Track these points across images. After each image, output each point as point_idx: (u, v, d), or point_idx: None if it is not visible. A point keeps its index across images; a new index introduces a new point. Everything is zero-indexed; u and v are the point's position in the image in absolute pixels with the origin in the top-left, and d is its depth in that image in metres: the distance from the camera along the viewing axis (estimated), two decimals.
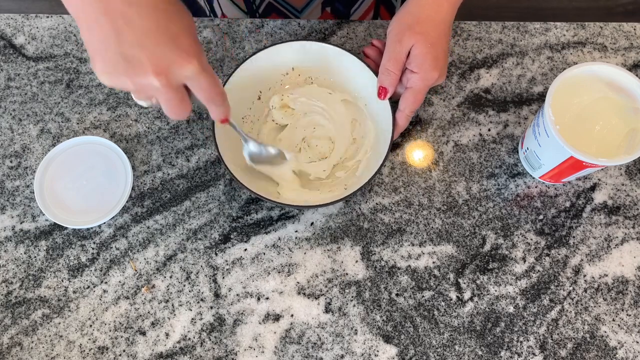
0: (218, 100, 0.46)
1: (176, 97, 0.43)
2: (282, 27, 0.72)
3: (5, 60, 0.70)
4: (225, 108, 0.48)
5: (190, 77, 0.42)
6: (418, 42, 0.56)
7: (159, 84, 0.41)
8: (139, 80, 0.41)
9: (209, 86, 0.44)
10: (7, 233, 0.62)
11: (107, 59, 0.41)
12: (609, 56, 0.71)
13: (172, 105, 0.44)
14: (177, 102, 0.44)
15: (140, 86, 0.42)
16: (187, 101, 0.44)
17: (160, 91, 0.42)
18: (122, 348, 0.58)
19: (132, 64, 0.40)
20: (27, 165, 0.65)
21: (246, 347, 0.58)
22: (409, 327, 0.59)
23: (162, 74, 0.41)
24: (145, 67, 0.40)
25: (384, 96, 0.59)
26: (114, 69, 0.41)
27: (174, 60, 0.41)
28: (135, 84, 0.42)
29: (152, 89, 0.42)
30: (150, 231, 0.62)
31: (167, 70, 0.41)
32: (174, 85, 0.42)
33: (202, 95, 0.45)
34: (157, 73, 0.41)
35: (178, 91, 0.43)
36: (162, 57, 0.41)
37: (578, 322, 0.59)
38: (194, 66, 0.42)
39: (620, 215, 0.63)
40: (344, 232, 0.62)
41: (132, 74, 0.41)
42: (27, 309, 0.59)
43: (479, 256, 0.62)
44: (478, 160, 0.66)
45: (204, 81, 0.43)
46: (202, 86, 0.44)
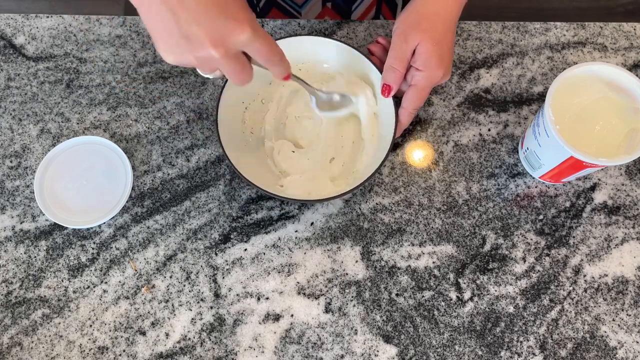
0: (276, 60, 0.48)
1: (237, 65, 0.45)
2: (282, 27, 0.72)
3: (5, 60, 0.70)
4: (285, 66, 0.50)
5: (246, 43, 0.44)
6: (423, 40, 0.56)
7: (219, 55, 0.43)
8: (200, 55, 0.43)
9: (265, 49, 0.46)
10: (7, 233, 0.62)
11: (167, 40, 0.43)
12: (609, 56, 0.71)
13: (235, 73, 0.46)
14: (239, 69, 0.46)
15: (202, 60, 0.44)
16: (249, 67, 0.47)
17: (221, 62, 0.44)
18: (122, 348, 0.58)
19: (190, 41, 0.42)
20: (27, 165, 0.65)
21: (246, 347, 0.58)
22: (409, 327, 0.59)
23: (220, 45, 0.43)
24: (203, 41, 0.42)
25: (388, 94, 0.59)
26: (176, 47, 0.43)
27: (228, 31, 0.43)
28: (197, 59, 0.44)
29: (213, 61, 0.44)
30: (150, 231, 0.62)
31: (224, 40, 0.43)
32: (232, 54, 0.44)
33: (261, 58, 0.46)
34: (215, 45, 0.43)
35: (238, 59, 0.45)
36: (216, 29, 0.43)
37: (578, 322, 0.59)
38: (248, 33, 0.43)
39: (620, 215, 0.63)
40: (344, 232, 0.62)
41: (192, 50, 0.43)
42: (27, 309, 0.59)
43: (479, 256, 0.62)
44: (478, 160, 0.66)
45: (259, 45, 0.45)
46: (259, 50, 0.45)
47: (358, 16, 0.82)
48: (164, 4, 0.42)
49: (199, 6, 0.42)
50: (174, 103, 0.68)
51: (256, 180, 0.58)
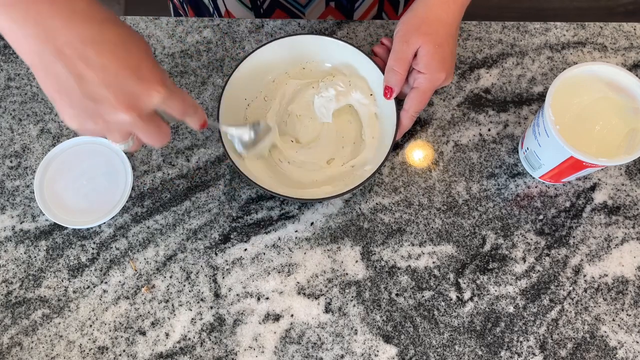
0: (191, 111, 0.46)
1: (153, 126, 0.43)
2: (282, 27, 0.72)
3: (5, 60, 0.70)
4: (200, 115, 0.48)
5: (159, 103, 0.42)
6: (425, 43, 0.56)
7: (132, 119, 0.40)
8: (111, 119, 0.40)
9: (179, 105, 0.44)
10: (7, 233, 0.62)
11: (73, 103, 0.40)
12: (609, 56, 0.71)
13: (151, 134, 0.43)
14: (156, 131, 0.43)
15: (113, 125, 0.41)
16: (164, 126, 0.44)
17: (136, 125, 0.41)
18: (122, 348, 0.58)
19: (100, 104, 0.40)
20: (27, 165, 0.65)
21: (246, 347, 0.58)
22: (409, 327, 0.59)
23: (133, 108, 0.40)
24: (115, 105, 0.40)
25: (389, 95, 0.59)
26: (83, 111, 0.40)
27: (140, 93, 0.40)
28: (107, 123, 0.41)
29: (126, 125, 0.41)
30: (150, 231, 0.62)
31: (137, 102, 0.40)
32: (147, 116, 0.42)
33: (175, 114, 0.45)
34: (128, 108, 0.40)
35: (153, 120, 0.43)
36: (128, 92, 0.40)
37: (578, 322, 0.59)
38: (161, 93, 0.41)
39: (620, 215, 0.63)
40: (344, 232, 0.62)
41: (102, 113, 0.40)
42: (27, 309, 0.59)
43: (479, 256, 0.62)
44: (478, 160, 0.66)
45: (172, 103, 0.43)
46: (172, 107, 0.44)
47: (360, 14, 0.82)
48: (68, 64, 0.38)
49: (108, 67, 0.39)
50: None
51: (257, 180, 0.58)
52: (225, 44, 0.71)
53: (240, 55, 0.70)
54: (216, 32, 0.72)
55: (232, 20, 0.72)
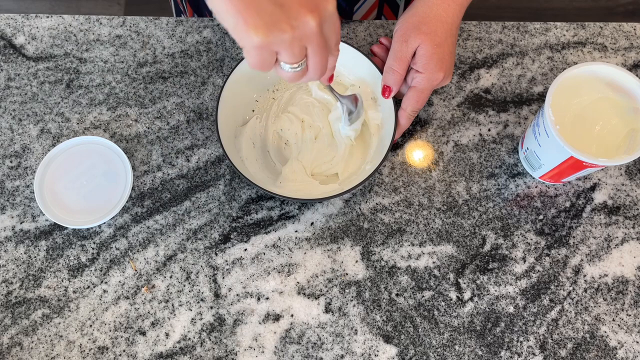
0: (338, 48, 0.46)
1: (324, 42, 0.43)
2: None
3: (5, 60, 0.70)
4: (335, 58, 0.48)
5: (332, 13, 0.42)
6: (424, 43, 0.56)
7: (314, 22, 0.41)
8: (296, 23, 0.41)
9: (339, 27, 0.44)
10: (7, 233, 0.62)
11: (260, 10, 0.40)
12: (609, 56, 0.71)
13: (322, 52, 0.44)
14: (324, 50, 0.43)
15: (297, 32, 0.41)
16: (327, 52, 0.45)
17: (316, 35, 0.42)
18: (122, 348, 0.58)
19: (285, 9, 0.40)
20: (27, 165, 0.65)
21: (246, 347, 0.58)
22: (409, 327, 0.59)
23: (315, 10, 0.41)
24: (299, 7, 0.40)
25: (388, 95, 0.59)
26: (269, 18, 0.40)
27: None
28: (293, 28, 0.41)
29: (308, 34, 0.42)
30: (150, 231, 0.62)
31: (318, 6, 0.41)
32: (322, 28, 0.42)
33: (335, 35, 0.45)
34: (311, 10, 0.41)
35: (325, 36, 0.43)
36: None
37: (578, 322, 0.59)
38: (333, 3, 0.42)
39: (620, 215, 0.63)
40: (344, 232, 0.62)
41: (289, 17, 0.41)
42: (27, 309, 0.59)
43: (479, 256, 0.62)
44: (478, 160, 0.66)
45: (336, 19, 0.43)
46: (336, 24, 0.44)
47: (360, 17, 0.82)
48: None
49: None
50: (174, 103, 0.68)
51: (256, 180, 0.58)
52: (225, 44, 0.71)
53: (240, 55, 0.70)
54: (216, 32, 0.72)
55: None
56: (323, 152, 0.64)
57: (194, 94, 0.68)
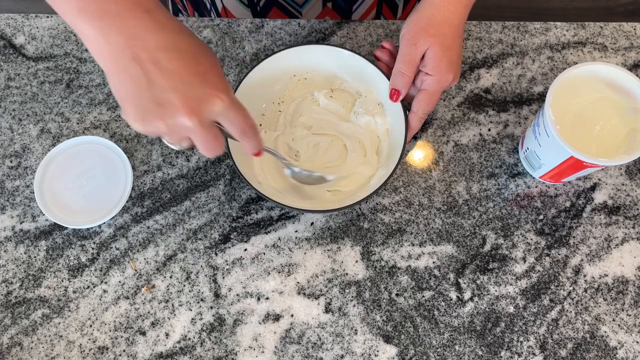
0: (250, 132, 0.47)
1: (210, 135, 0.44)
2: (282, 27, 0.72)
3: (5, 60, 0.70)
4: (257, 140, 0.49)
5: (220, 112, 0.43)
6: (433, 45, 0.56)
7: (192, 123, 0.42)
8: (173, 122, 0.42)
9: (239, 119, 0.45)
10: (7, 233, 0.62)
11: (139, 105, 0.42)
12: (609, 56, 0.71)
13: (206, 143, 0.45)
14: (211, 140, 0.45)
15: (173, 128, 0.43)
16: (221, 138, 0.46)
17: (194, 131, 0.43)
18: (122, 348, 0.58)
19: (164, 107, 0.42)
20: (27, 165, 0.65)
21: (246, 347, 0.58)
22: (409, 327, 0.59)
23: (195, 113, 0.42)
24: (178, 108, 0.42)
25: (396, 98, 0.59)
26: (146, 114, 0.42)
27: (204, 98, 0.42)
28: (168, 126, 0.43)
29: (185, 130, 0.43)
30: (150, 231, 0.62)
31: (199, 109, 0.42)
32: (206, 124, 0.43)
33: (234, 129, 0.46)
34: (190, 113, 0.42)
35: (211, 129, 0.44)
36: (193, 97, 0.42)
37: (578, 322, 0.59)
38: (223, 101, 0.43)
39: (620, 215, 0.63)
40: (344, 232, 0.62)
41: (165, 116, 0.42)
42: (27, 309, 0.59)
43: (479, 256, 0.62)
44: (478, 160, 0.66)
45: (233, 115, 0.44)
46: (233, 120, 0.45)
47: (359, 17, 0.82)
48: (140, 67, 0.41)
49: (178, 73, 0.41)
50: None
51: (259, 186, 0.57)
52: (225, 44, 0.71)
53: (241, 55, 0.70)
54: (216, 32, 0.72)
55: (232, 20, 0.72)
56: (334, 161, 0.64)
57: None
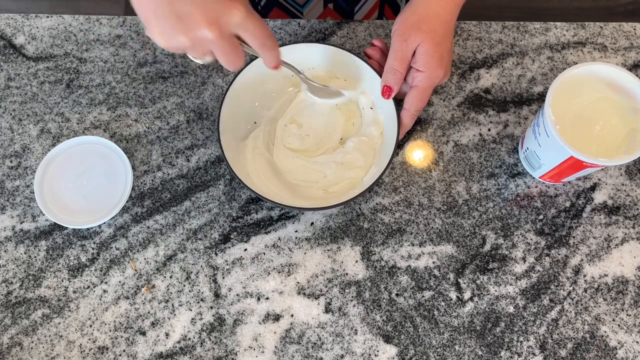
0: (269, 44, 0.48)
1: (230, 46, 0.45)
2: (282, 27, 0.72)
3: (5, 60, 0.70)
4: (276, 52, 0.50)
5: (239, 23, 0.45)
6: (424, 41, 0.56)
7: (213, 35, 0.43)
8: (194, 35, 0.44)
9: (257, 30, 0.46)
10: (7, 233, 0.62)
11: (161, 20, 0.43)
12: (609, 56, 0.71)
13: (227, 54, 0.46)
14: (231, 51, 0.46)
15: (196, 41, 0.44)
16: (240, 49, 0.47)
17: (215, 43, 0.44)
18: (122, 348, 0.58)
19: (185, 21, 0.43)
20: (27, 165, 0.65)
21: (246, 347, 0.58)
22: (409, 327, 0.59)
23: (214, 24, 0.43)
24: (198, 20, 0.43)
25: (388, 95, 0.59)
26: (170, 28, 0.43)
27: (222, 10, 0.43)
28: (191, 39, 0.44)
29: (207, 42, 0.44)
30: (150, 231, 0.62)
31: (218, 20, 0.43)
32: (226, 35, 0.45)
33: (254, 40, 0.47)
34: (210, 24, 0.43)
35: (231, 40, 0.45)
36: (211, 9, 0.43)
37: (578, 322, 0.59)
38: (241, 11, 0.44)
39: (620, 215, 0.63)
40: (344, 232, 0.62)
41: (187, 30, 0.43)
42: (27, 309, 0.59)
43: (479, 256, 0.62)
44: (478, 160, 0.66)
45: (252, 26, 0.45)
46: (253, 31, 0.46)
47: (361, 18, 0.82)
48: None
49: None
50: (174, 103, 0.68)
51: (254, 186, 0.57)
52: None
53: None
54: None
55: None
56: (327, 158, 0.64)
57: (194, 94, 0.68)
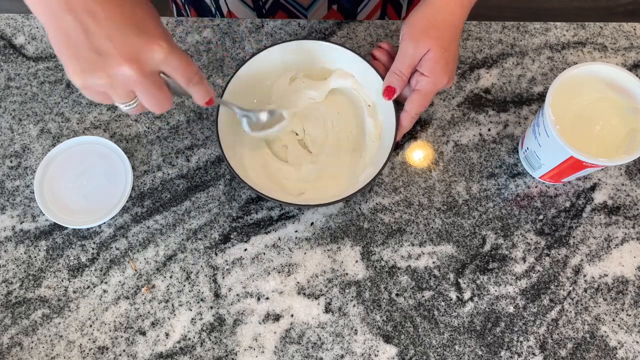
0: (196, 78, 0.46)
1: (153, 85, 0.43)
2: (282, 27, 0.72)
3: (5, 60, 0.70)
4: (206, 87, 0.47)
5: (161, 59, 0.42)
6: (433, 47, 0.56)
7: (133, 72, 0.41)
8: (113, 72, 0.41)
9: (182, 65, 0.44)
10: (7, 233, 0.62)
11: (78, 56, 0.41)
12: (609, 56, 0.71)
13: (152, 94, 0.44)
14: (155, 91, 0.43)
15: (115, 79, 0.42)
16: (166, 89, 0.45)
17: (136, 81, 0.42)
18: (122, 348, 0.58)
19: (103, 57, 0.41)
20: (27, 165, 0.65)
21: (246, 347, 0.58)
22: (409, 327, 0.59)
23: (134, 61, 0.41)
24: (117, 57, 0.41)
25: (390, 96, 0.59)
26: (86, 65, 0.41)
27: (142, 46, 0.41)
28: (109, 76, 0.42)
29: (127, 81, 0.42)
30: (150, 231, 0.62)
31: (138, 56, 0.41)
32: (148, 72, 0.42)
33: (179, 76, 0.44)
34: (130, 61, 0.41)
35: (154, 78, 0.43)
36: (131, 44, 0.41)
37: (578, 322, 0.59)
38: (163, 47, 0.42)
39: (620, 215, 0.63)
40: (344, 232, 0.62)
41: (105, 66, 0.41)
42: (27, 309, 0.59)
43: (479, 256, 0.62)
44: (478, 160, 0.66)
45: (175, 61, 0.43)
46: (177, 67, 0.43)
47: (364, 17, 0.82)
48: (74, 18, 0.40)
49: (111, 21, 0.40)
50: (174, 103, 0.68)
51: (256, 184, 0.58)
52: (225, 44, 0.71)
53: (241, 55, 0.70)
54: (216, 32, 0.72)
55: (232, 20, 0.72)
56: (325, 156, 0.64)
57: None
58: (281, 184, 0.63)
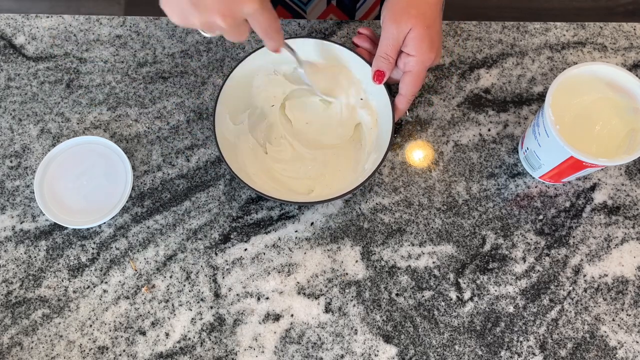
0: (274, 35, 0.51)
1: (238, 31, 0.49)
2: (282, 27, 0.72)
3: (5, 60, 0.70)
4: (278, 40, 0.52)
5: (250, 14, 0.47)
6: (415, 26, 0.56)
7: (225, 24, 0.46)
8: (206, 20, 0.46)
9: (266, 23, 0.49)
10: (7, 233, 0.62)
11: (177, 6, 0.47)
12: (609, 56, 0.71)
13: (234, 36, 0.49)
14: (238, 35, 0.49)
15: (207, 25, 0.47)
16: (247, 32, 0.50)
17: (225, 29, 0.47)
18: (122, 348, 0.58)
19: (200, 8, 0.46)
20: (27, 165, 0.65)
21: (246, 347, 0.58)
22: (409, 327, 0.59)
23: (227, 15, 0.46)
24: (212, 10, 0.45)
25: (380, 80, 0.59)
26: (183, 12, 0.47)
27: (236, 2, 0.46)
28: (202, 23, 0.47)
29: (218, 28, 0.47)
30: (150, 231, 0.62)
31: (231, 10, 0.46)
32: (237, 23, 0.47)
33: (260, 30, 0.50)
34: (223, 14, 0.46)
35: (240, 26, 0.48)
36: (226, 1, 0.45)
37: (578, 322, 0.59)
38: (254, 4, 0.46)
39: (620, 215, 0.63)
40: (344, 232, 0.62)
41: (200, 16, 0.46)
42: (27, 309, 0.59)
43: (479, 256, 0.62)
44: (478, 160, 0.66)
45: (262, 19, 0.48)
46: (260, 23, 0.48)
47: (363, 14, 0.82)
48: None
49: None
50: (174, 103, 0.68)
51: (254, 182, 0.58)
52: (225, 44, 0.71)
53: (241, 55, 0.70)
54: None
55: None
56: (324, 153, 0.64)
57: (194, 94, 0.68)
58: (287, 185, 0.62)
